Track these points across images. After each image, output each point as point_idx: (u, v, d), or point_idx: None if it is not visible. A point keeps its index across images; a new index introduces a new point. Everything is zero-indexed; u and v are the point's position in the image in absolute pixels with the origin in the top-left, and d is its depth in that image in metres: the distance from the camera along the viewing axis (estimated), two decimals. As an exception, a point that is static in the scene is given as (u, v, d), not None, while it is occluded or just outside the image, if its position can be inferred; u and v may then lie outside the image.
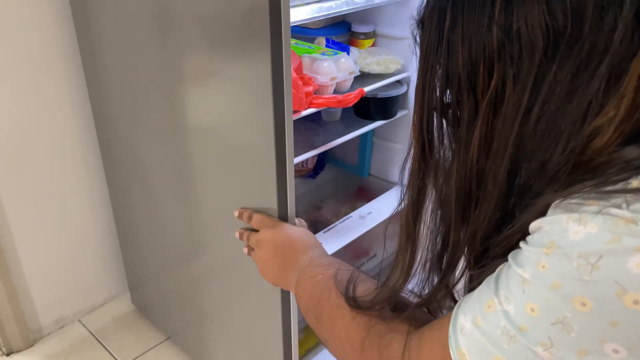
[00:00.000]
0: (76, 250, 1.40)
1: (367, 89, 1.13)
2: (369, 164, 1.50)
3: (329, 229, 1.22)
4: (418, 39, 0.52)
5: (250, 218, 0.89)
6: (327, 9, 1.02)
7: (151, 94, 1.02)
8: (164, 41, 0.93)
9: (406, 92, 1.29)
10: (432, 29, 0.49)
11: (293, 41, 1.17)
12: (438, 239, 0.54)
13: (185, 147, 1.00)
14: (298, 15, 0.97)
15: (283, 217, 0.87)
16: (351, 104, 1.07)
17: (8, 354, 1.34)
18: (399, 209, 0.57)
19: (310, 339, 1.24)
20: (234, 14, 0.79)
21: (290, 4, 0.73)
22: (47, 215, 1.32)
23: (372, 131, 1.40)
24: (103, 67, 1.13)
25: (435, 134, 0.51)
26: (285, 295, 0.95)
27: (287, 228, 0.84)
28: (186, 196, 1.06)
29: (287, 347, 1.01)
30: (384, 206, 1.32)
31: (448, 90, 0.49)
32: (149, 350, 1.36)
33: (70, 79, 1.23)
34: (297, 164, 1.17)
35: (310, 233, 0.86)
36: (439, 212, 0.53)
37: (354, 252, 1.25)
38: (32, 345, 1.37)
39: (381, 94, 1.22)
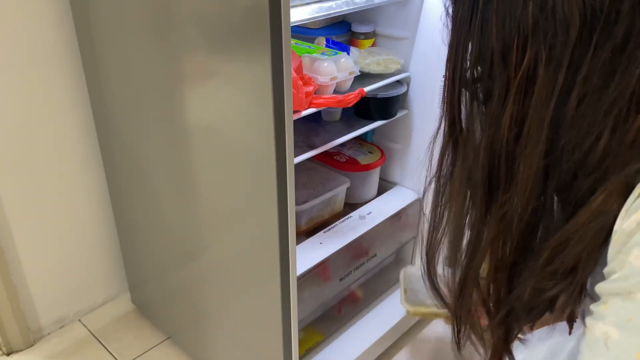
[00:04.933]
0: (76, 250, 1.40)
1: (367, 89, 1.13)
2: (368, 164, 1.50)
3: (329, 229, 1.22)
4: (450, 11, 0.49)
5: None
6: (327, 9, 1.02)
7: (151, 93, 1.02)
8: (164, 41, 0.93)
9: (406, 92, 1.29)
10: (466, 1, 0.47)
11: (293, 41, 1.17)
12: (464, 226, 0.51)
13: (185, 146, 1.00)
14: (298, 15, 0.97)
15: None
16: (351, 104, 1.07)
17: (8, 354, 1.34)
18: (426, 186, 0.55)
19: (310, 339, 1.24)
20: (234, 14, 0.79)
21: (290, 4, 0.73)
22: (47, 215, 1.32)
23: (372, 131, 1.40)
24: (103, 67, 1.13)
25: (465, 110, 0.49)
26: (285, 295, 0.95)
27: None
28: (186, 196, 1.06)
29: (287, 347, 1.01)
30: (384, 206, 1.32)
31: (479, 66, 0.47)
32: (149, 350, 1.36)
33: (70, 79, 1.23)
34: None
35: None
36: (467, 194, 0.50)
37: (354, 252, 1.25)
38: (32, 345, 1.37)
39: (381, 94, 1.22)
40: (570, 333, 0.50)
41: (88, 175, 1.35)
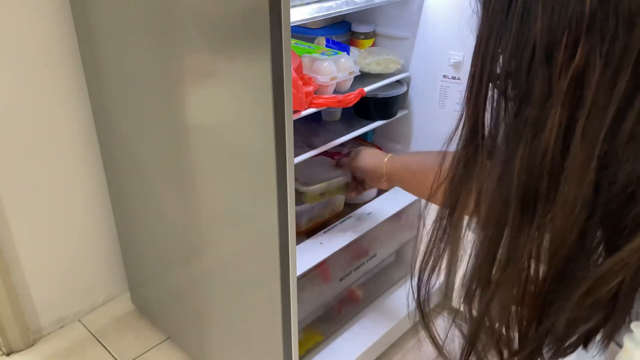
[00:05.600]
0: (76, 250, 1.40)
1: (367, 89, 1.13)
2: (369, 164, 1.50)
3: (329, 229, 1.22)
4: None
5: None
6: (327, 9, 1.02)
7: (151, 93, 1.02)
8: (164, 41, 0.93)
9: (406, 92, 1.29)
10: None
11: (293, 41, 1.17)
12: (485, 247, 0.44)
13: (185, 146, 1.00)
14: (298, 15, 0.97)
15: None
16: (351, 104, 1.07)
17: (8, 354, 1.34)
18: (432, 193, 0.48)
19: (310, 339, 1.24)
20: (234, 14, 0.79)
21: (290, 4, 0.73)
22: (47, 215, 1.32)
23: (372, 131, 1.40)
24: (103, 67, 1.13)
25: (492, 112, 0.42)
26: (285, 295, 0.95)
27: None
28: (186, 196, 1.06)
29: (287, 347, 1.01)
30: (384, 206, 1.32)
31: (514, 61, 0.40)
32: (149, 350, 1.36)
33: (70, 79, 1.23)
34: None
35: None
36: (487, 210, 0.43)
37: (354, 252, 1.25)
38: (32, 345, 1.37)
39: (381, 94, 1.22)
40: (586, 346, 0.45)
41: (88, 175, 1.35)
